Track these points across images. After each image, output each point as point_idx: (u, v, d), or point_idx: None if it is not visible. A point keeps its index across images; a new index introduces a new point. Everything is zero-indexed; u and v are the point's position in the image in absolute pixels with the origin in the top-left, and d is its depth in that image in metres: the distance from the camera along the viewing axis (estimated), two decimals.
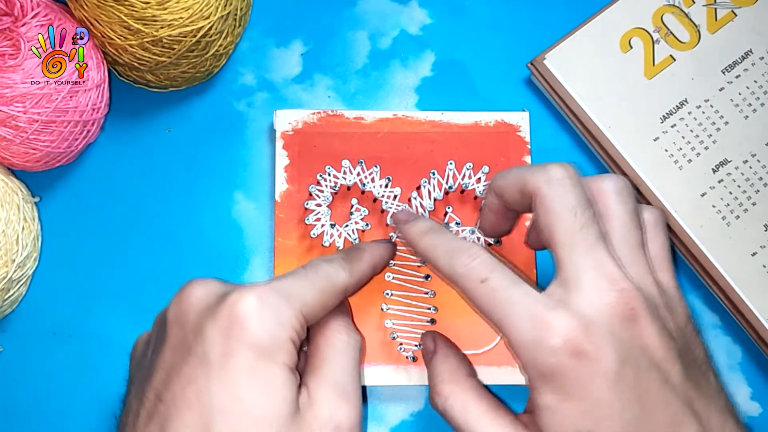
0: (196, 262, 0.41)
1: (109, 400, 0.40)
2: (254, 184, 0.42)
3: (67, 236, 0.41)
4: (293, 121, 0.41)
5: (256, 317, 0.28)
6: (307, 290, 0.31)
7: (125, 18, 0.36)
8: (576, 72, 0.42)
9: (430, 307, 0.39)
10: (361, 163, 0.40)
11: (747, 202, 0.40)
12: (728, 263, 0.39)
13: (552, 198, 0.30)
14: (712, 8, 0.42)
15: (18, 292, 0.40)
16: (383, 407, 0.40)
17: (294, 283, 0.30)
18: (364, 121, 0.41)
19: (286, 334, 0.29)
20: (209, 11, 0.38)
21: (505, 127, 0.41)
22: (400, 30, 0.44)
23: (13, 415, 0.40)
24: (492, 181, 0.34)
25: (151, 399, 0.28)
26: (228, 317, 0.28)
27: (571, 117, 0.42)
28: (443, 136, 0.41)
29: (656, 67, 0.42)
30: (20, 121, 0.36)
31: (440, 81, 0.44)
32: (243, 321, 0.28)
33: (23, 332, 0.40)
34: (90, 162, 0.42)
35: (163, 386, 0.28)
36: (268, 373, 0.28)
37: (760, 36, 0.42)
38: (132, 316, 0.40)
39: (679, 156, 0.41)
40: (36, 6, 0.37)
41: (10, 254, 0.37)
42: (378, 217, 0.40)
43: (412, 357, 0.38)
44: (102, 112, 0.40)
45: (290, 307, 0.29)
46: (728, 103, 0.41)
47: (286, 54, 0.44)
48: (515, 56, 0.43)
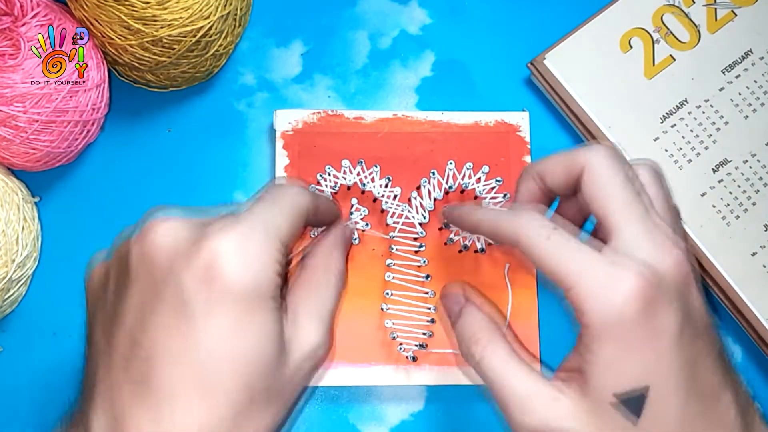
0: None
1: None
2: (254, 184, 0.42)
3: (67, 236, 0.41)
4: (293, 121, 0.41)
5: (239, 264, 0.27)
6: (280, 218, 0.29)
7: (125, 18, 0.36)
8: (576, 72, 0.42)
9: (430, 307, 0.39)
10: (361, 163, 0.40)
11: (747, 202, 0.40)
12: (728, 263, 0.39)
13: (606, 168, 0.30)
14: (712, 8, 0.42)
15: (18, 292, 0.40)
16: (383, 407, 0.40)
17: (268, 212, 0.29)
18: (364, 121, 0.41)
19: (271, 273, 0.28)
20: (209, 11, 0.38)
21: (505, 127, 0.41)
22: (400, 30, 0.44)
23: (13, 415, 0.40)
24: (531, 168, 0.34)
25: (124, 342, 0.27)
26: (206, 266, 0.26)
27: (571, 117, 0.42)
28: (443, 136, 0.41)
29: (656, 67, 0.42)
30: (20, 121, 0.36)
31: (440, 81, 0.44)
32: (224, 270, 0.26)
33: (23, 332, 0.40)
34: (90, 162, 0.42)
35: (139, 331, 0.27)
36: (257, 319, 0.27)
37: (760, 36, 0.42)
38: None
39: (679, 156, 0.41)
40: (36, 6, 0.37)
41: (10, 254, 0.37)
42: (378, 216, 0.40)
43: (412, 357, 0.38)
44: (102, 112, 0.40)
45: (271, 241, 0.28)
46: (728, 103, 0.41)
47: (286, 54, 0.44)
48: (515, 56, 0.43)
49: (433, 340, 0.39)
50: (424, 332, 0.38)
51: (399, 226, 0.39)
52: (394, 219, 0.40)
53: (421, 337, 0.38)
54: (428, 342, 0.38)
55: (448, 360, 0.38)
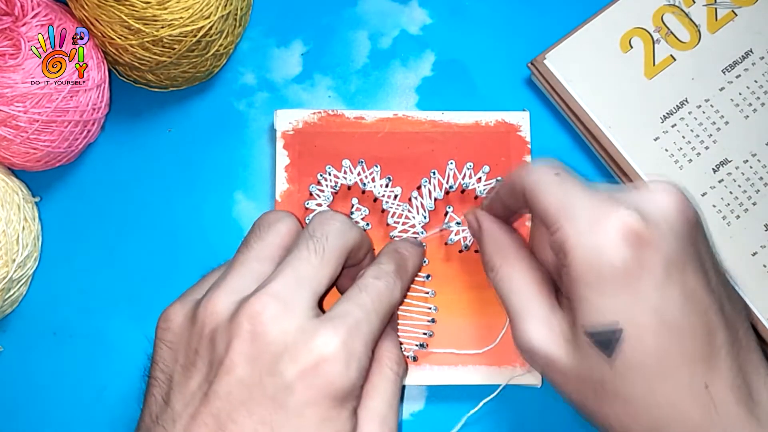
0: (196, 262, 0.41)
1: (109, 400, 0.40)
2: (255, 184, 0.42)
3: (67, 236, 0.41)
4: (294, 121, 0.41)
5: (341, 367, 0.27)
6: (374, 320, 0.30)
7: (126, 18, 0.36)
8: (576, 72, 0.42)
9: (431, 307, 0.39)
10: (361, 163, 0.40)
11: (747, 202, 0.40)
12: (728, 263, 0.39)
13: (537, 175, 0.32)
14: (713, 8, 0.42)
15: (18, 291, 0.40)
16: None
17: (362, 315, 0.29)
18: (365, 121, 0.41)
19: (362, 377, 0.29)
20: (209, 11, 0.38)
21: (506, 127, 0.41)
22: (401, 30, 0.44)
23: (13, 415, 0.40)
24: (488, 198, 0.36)
25: (209, 424, 0.27)
26: (312, 365, 0.27)
27: (572, 117, 0.42)
28: (444, 136, 0.41)
29: (656, 67, 0.42)
30: (20, 121, 0.36)
31: (440, 81, 0.44)
32: (328, 371, 0.27)
33: (23, 332, 0.40)
34: (90, 162, 0.42)
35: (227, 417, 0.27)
36: (339, 420, 0.28)
37: (760, 36, 0.42)
38: (132, 316, 0.40)
39: (679, 156, 0.41)
40: (36, 6, 0.37)
41: (11, 254, 0.37)
42: (378, 216, 0.40)
43: (412, 357, 0.38)
44: (102, 112, 0.40)
45: (366, 346, 0.29)
46: (728, 102, 0.41)
47: (286, 54, 0.44)
48: (515, 56, 0.43)
49: (433, 340, 0.39)
50: (424, 332, 0.38)
51: (399, 226, 0.39)
52: (395, 219, 0.40)
53: (421, 337, 0.38)
54: (428, 342, 0.38)
55: (448, 360, 0.38)
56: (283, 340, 0.28)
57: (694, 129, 0.41)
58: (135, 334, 0.40)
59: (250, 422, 0.27)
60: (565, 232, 0.29)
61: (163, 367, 0.30)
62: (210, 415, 0.27)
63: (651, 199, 0.29)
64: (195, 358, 0.29)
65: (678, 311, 0.28)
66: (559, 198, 0.30)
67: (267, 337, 0.28)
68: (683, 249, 0.28)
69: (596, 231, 0.28)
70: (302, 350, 0.27)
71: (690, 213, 0.29)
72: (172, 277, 0.41)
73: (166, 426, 0.28)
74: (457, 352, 0.38)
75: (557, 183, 0.30)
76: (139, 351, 0.40)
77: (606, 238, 0.28)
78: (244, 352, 0.27)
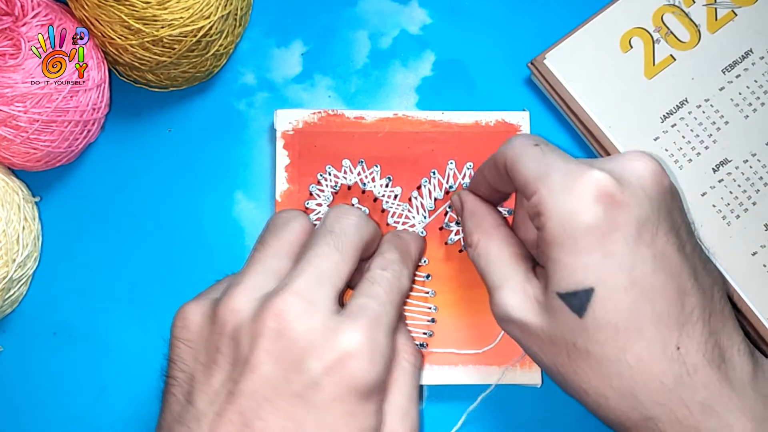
0: (196, 262, 0.41)
1: (109, 400, 0.40)
2: (255, 184, 0.42)
3: (67, 236, 0.41)
4: (294, 121, 0.41)
5: (366, 362, 0.28)
6: (390, 311, 0.30)
7: (126, 18, 0.36)
8: (576, 72, 0.42)
9: (431, 307, 0.39)
10: (361, 163, 0.40)
11: (747, 202, 0.40)
12: (728, 263, 0.39)
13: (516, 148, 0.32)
14: (713, 8, 0.42)
15: (18, 291, 0.40)
16: None
17: (380, 307, 0.30)
18: (365, 121, 0.41)
19: (386, 370, 0.29)
20: (209, 11, 0.38)
21: (506, 127, 0.41)
22: (401, 30, 0.44)
23: (13, 415, 0.40)
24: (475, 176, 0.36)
25: (235, 421, 0.27)
26: (337, 361, 0.28)
27: (572, 117, 0.42)
28: (444, 136, 0.41)
29: (656, 67, 0.42)
30: (21, 121, 0.36)
31: (440, 81, 0.44)
32: (353, 366, 0.28)
33: (23, 332, 0.40)
34: (90, 162, 0.42)
35: (253, 414, 0.27)
36: (365, 414, 0.28)
37: (760, 36, 0.42)
38: (132, 316, 0.40)
39: (679, 156, 0.41)
40: (36, 6, 0.37)
41: (11, 254, 0.37)
42: (378, 216, 0.40)
43: None
44: (102, 111, 0.40)
45: (388, 338, 0.29)
46: (728, 102, 0.41)
47: (286, 54, 0.44)
48: (515, 56, 0.43)
49: (433, 340, 0.39)
50: (424, 332, 0.39)
51: (399, 226, 0.39)
52: (395, 219, 0.40)
53: (422, 337, 0.38)
54: (428, 342, 0.38)
55: (448, 360, 0.38)
56: (308, 338, 0.28)
57: (694, 129, 0.41)
58: (134, 334, 0.40)
59: (277, 419, 0.27)
60: (540, 194, 0.29)
61: (183, 366, 0.30)
62: (236, 412, 0.27)
63: (627, 165, 0.29)
64: (217, 356, 0.29)
65: (649, 270, 0.28)
66: (537, 166, 0.30)
67: (292, 334, 0.28)
68: (656, 212, 0.29)
69: (570, 191, 0.29)
70: (327, 347, 0.28)
71: (665, 181, 0.30)
72: (172, 277, 0.41)
73: (190, 425, 0.28)
74: (458, 352, 0.38)
75: (536, 153, 0.31)
76: (139, 351, 0.40)
77: (579, 198, 0.28)
78: (270, 350, 0.28)
